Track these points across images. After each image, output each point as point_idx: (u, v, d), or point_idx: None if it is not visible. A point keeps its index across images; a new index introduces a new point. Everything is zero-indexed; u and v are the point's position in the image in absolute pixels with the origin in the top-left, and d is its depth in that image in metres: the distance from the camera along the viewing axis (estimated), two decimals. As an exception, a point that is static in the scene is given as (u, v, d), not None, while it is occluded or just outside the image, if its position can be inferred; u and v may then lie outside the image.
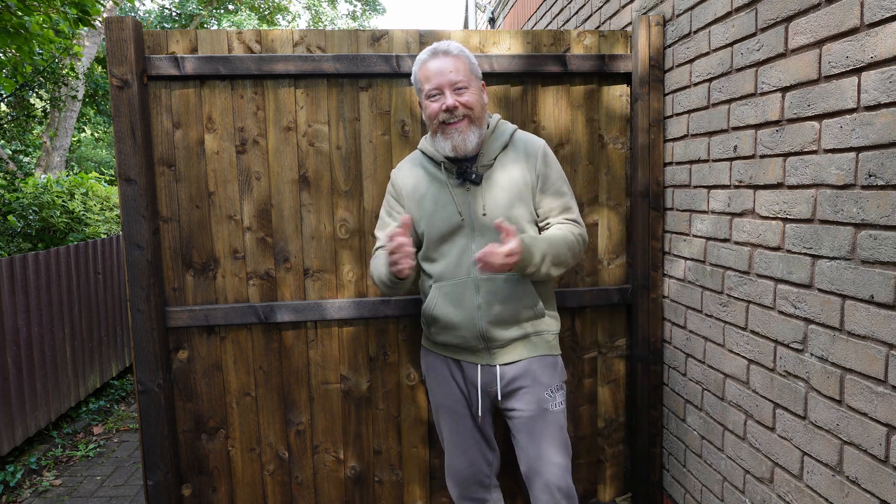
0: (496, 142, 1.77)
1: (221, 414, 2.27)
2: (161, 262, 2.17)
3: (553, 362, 1.82)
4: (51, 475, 3.11)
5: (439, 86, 1.68)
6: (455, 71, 1.67)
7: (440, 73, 1.67)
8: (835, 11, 1.43)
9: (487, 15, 6.84)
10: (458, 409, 1.85)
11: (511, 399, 1.79)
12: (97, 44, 8.85)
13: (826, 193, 1.48)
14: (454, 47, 1.71)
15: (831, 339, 1.48)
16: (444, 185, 1.77)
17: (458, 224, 1.74)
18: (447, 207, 1.75)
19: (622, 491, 2.52)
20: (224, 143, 2.18)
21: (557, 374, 1.83)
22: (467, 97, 1.68)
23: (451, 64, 1.68)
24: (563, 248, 1.70)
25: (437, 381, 1.88)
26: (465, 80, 1.68)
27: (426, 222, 1.78)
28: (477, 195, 1.74)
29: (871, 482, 1.37)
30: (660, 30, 2.24)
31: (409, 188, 1.83)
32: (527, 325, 1.78)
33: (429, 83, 1.69)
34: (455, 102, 1.67)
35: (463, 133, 1.68)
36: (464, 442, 1.86)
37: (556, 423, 1.79)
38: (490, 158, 1.76)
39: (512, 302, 1.73)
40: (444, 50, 1.70)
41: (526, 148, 1.78)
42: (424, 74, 1.71)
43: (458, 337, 1.78)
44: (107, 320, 4.14)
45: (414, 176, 1.84)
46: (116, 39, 2.00)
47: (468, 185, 1.75)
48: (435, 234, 1.77)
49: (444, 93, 1.68)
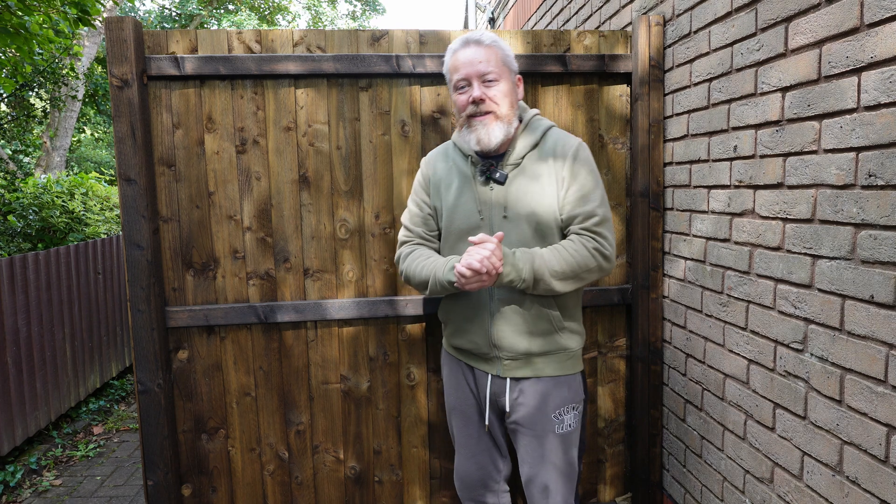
0: (527, 139, 1.67)
1: (221, 414, 2.27)
2: (161, 262, 2.17)
3: (567, 382, 1.71)
4: (51, 475, 3.11)
5: (467, 76, 1.60)
6: (485, 61, 1.58)
7: (469, 62, 1.59)
8: (835, 11, 1.43)
9: (487, 15, 6.84)
10: (469, 414, 1.80)
11: (516, 415, 1.72)
12: (97, 44, 8.85)
13: (826, 193, 1.48)
14: (487, 37, 1.62)
15: (831, 339, 1.48)
16: (469, 181, 1.69)
17: (477, 224, 1.67)
18: (468, 205, 1.68)
19: (622, 491, 2.52)
20: (224, 143, 2.18)
21: (570, 394, 1.71)
22: (496, 91, 1.59)
23: (481, 54, 1.59)
24: (569, 262, 1.58)
25: (451, 383, 1.84)
26: (495, 71, 1.59)
27: (446, 216, 1.72)
28: (500, 196, 1.65)
29: (871, 482, 1.37)
30: (660, 30, 2.24)
31: (437, 177, 1.76)
32: (542, 339, 1.67)
33: (457, 73, 1.61)
34: (482, 94, 1.58)
35: (488, 126, 1.60)
36: (474, 446, 1.81)
37: (560, 446, 1.70)
38: (518, 157, 1.66)
39: (526, 312, 1.65)
40: (475, 39, 1.61)
41: (556, 148, 1.66)
42: (454, 64, 1.63)
43: (470, 342, 1.73)
44: (107, 320, 4.14)
45: (444, 165, 1.76)
46: (116, 39, 2.00)
47: (492, 185, 1.66)
48: (453, 230, 1.71)
49: (472, 84, 1.59)
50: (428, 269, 1.66)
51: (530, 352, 1.67)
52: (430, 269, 1.65)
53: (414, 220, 1.80)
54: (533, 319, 1.65)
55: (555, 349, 1.69)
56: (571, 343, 1.72)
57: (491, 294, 1.67)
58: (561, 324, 1.68)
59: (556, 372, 1.70)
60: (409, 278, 1.74)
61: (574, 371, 1.74)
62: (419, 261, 1.71)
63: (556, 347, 1.69)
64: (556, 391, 1.69)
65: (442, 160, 1.78)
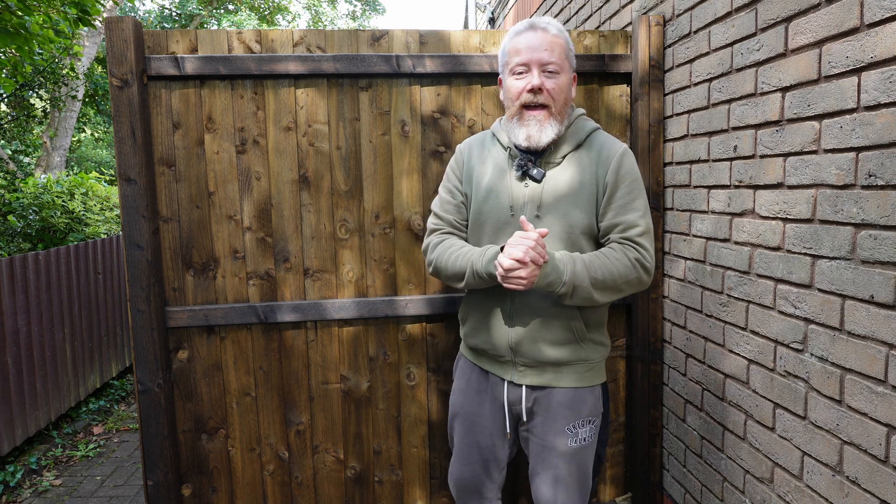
0: (570, 139, 1.60)
1: (221, 414, 2.27)
2: (161, 262, 2.17)
3: (585, 395, 1.62)
4: (51, 475, 3.11)
5: (528, 62, 1.51)
6: (550, 50, 1.50)
7: (533, 48, 1.50)
8: (835, 11, 1.43)
9: (487, 15, 6.84)
10: (473, 421, 1.72)
11: (531, 423, 1.66)
12: (97, 44, 8.85)
13: (826, 193, 1.48)
14: (554, 26, 1.53)
15: (831, 339, 1.48)
16: (504, 173, 1.61)
17: (507, 219, 1.58)
18: (500, 198, 1.59)
19: (622, 491, 2.52)
20: (224, 143, 2.18)
21: (587, 407, 1.63)
22: (555, 83, 1.51)
23: (547, 41, 1.50)
24: (611, 271, 1.50)
25: (461, 386, 1.76)
26: (558, 62, 1.51)
27: (475, 207, 1.64)
28: (535, 193, 1.57)
29: (871, 482, 1.37)
30: (660, 30, 2.24)
31: (472, 163, 1.69)
32: (562, 348, 1.59)
33: (518, 56, 1.52)
34: (541, 83, 1.50)
35: (541, 123, 1.52)
36: (471, 455, 1.74)
37: (572, 460, 1.63)
38: (559, 156, 1.58)
39: (547, 318, 1.57)
40: (542, 26, 1.52)
41: (601, 152, 1.58)
42: (514, 47, 1.54)
43: (487, 342, 1.65)
44: (107, 320, 4.14)
45: (479, 152, 1.69)
46: (116, 39, 2.00)
47: (528, 181, 1.58)
48: (481, 221, 1.62)
49: (532, 71, 1.51)
50: (464, 260, 1.56)
51: (548, 360, 1.59)
52: (467, 259, 1.56)
53: (445, 208, 1.71)
54: (554, 327, 1.58)
55: (574, 360, 1.61)
56: (594, 354, 1.64)
57: (512, 294, 1.59)
58: (584, 335, 1.60)
59: (573, 384, 1.62)
60: (441, 270, 1.64)
61: (593, 383, 1.65)
62: (452, 250, 1.61)
63: (575, 358, 1.61)
64: (572, 403, 1.61)
65: (478, 147, 1.71)
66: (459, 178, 1.71)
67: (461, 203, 1.70)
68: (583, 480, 1.66)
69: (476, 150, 1.71)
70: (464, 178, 1.70)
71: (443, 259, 1.63)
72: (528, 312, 1.58)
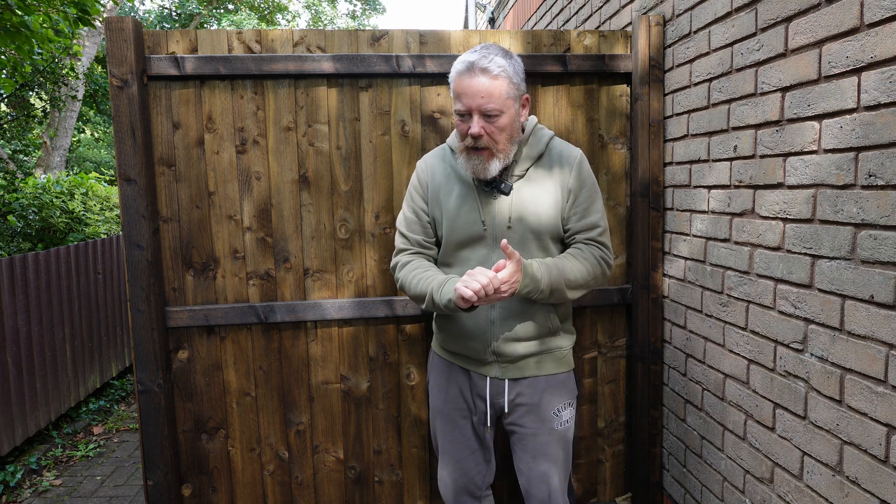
0: (531, 150, 1.67)
1: (221, 414, 2.27)
2: (161, 262, 2.17)
3: (563, 380, 1.76)
4: (51, 475, 3.11)
5: (468, 108, 1.53)
6: (488, 96, 1.51)
7: (471, 95, 1.52)
8: (835, 11, 1.43)
9: (487, 15, 6.84)
10: (455, 418, 1.78)
11: (515, 414, 1.74)
12: (97, 44, 8.85)
13: (826, 193, 1.48)
14: (496, 66, 1.51)
15: (831, 339, 1.48)
16: (471, 189, 1.66)
17: (480, 233, 1.65)
18: (471, 214, 1.66)
19: (622, 491, 2.52)
20: (224, 143, 2.18)
21: (567, 391, 1.76)
22: (495, 126, 1.54)
23: (485, 87, 1.50)
24: (581, 272, 1.62)
25: (439, 385, 1.82)
26: (497, 106, 1.52)
27: (447, 225, 1.69)
28: (504, 205, 1.64)
29: (871, 482, 1.37)
30: (660, 30, 2.24)
31: (436, 183, 1.71)
32: (540, 342, 1.71)
33: (459, 102, 1.55)
34: (479, 131, 1.53)
35: (485, 162, 1.57)
36: (458, 452, 1.79)
37: (558, 441, 1.74)
38: (523, 168, 1.66)
39: (528, 318, 1.67)
40: (482, 66, 1.51)
41: (561, 160, 1.67)
42: (456, 89, 1.56)
43: (468, 349, 1.72)
44: (107, 320, 4.13)
45: (441, 171, 1.72)
46: (116, 39, 2.00)
47: (496, 194, 1.65)
48: (454, 239, 1.68)
49: (473, 118, 1.54)
50: (424, 285, 1.62)
51: (529, 353, 1.71)
52: (427, 285, 1.61)
53: (412, 228, 1.75)
54: (534, 326, 1.69)
55: (552, 348, 1.74)
56: (565, 343, 1.77)
57: (493, 306, 1.66)
58: (558, 328, 1.73)
59: (553, 370, 1.74)
60: (405, 289, 1.70)
61: (569, 369, 1.78)
62: (417, 272, 1.67)
63: (553, 347, 1.74)
64: (554, 388, 1.74)
65: (440, 164, 1.74)
66: (425, 199, 1.74)
67: (427, 223, 1.75)
68: (567, 460, 1.78)
69: (438, 168, 1.73)
70: (430, 200, 1.73)
71: (407, 280, 1.69)
72: (509, 316, 1.67)
